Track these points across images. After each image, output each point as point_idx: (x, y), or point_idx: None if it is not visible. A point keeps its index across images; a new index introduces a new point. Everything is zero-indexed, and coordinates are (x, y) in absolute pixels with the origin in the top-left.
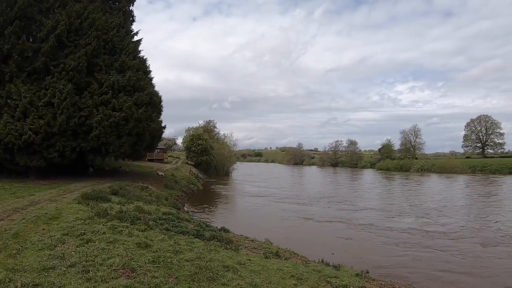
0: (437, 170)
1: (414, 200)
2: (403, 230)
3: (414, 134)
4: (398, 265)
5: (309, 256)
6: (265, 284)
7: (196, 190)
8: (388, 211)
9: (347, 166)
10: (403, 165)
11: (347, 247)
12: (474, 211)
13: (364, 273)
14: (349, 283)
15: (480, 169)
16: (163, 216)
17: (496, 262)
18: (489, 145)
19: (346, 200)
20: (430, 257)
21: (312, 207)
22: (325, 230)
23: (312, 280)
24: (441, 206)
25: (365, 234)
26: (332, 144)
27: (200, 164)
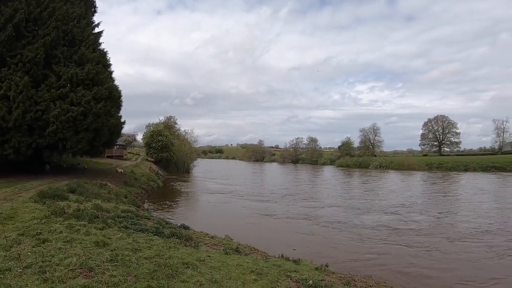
0: (395, 167)
1: (376, 197)
2: (366, 226)
3: (373, 133)
4: (360, 259)
5: (270, 252)
6: (225, 280)
7: (156, 187)
8: (350, 207)
9: (307, 163)
10: (362, 162)
11: (309, 243)
12: (435, 207)
13: (324, 267)
14: (308, 277)
15: (436, 166)
16: (122, 214)
17: (459, 257)
18: (446, 143)
19: (308, 196)
20: (393, 252)
21: (274, 204)
22: (288, 226)
23: (272, 274)
24: (403, 202)
25: (327, 230)
26: (293, 141)
27: (160, 161)
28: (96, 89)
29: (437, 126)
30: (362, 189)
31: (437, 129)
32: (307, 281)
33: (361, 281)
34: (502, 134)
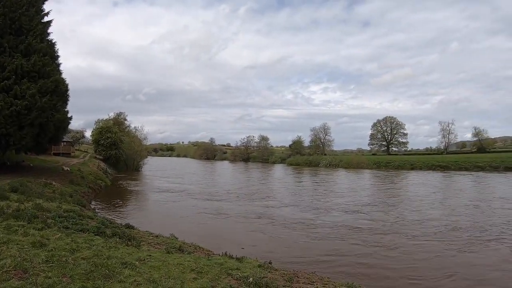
0: (344, 166)
1: (328, 195)
2: (319, 225)
3: (324, 132)
4: (309, 257)
5: (217, 251)
6: (163, 279)
7: (104, 186)
8: (303, 206)
9: (258, 161)
10: (312, 160)
11: (259, 241)
12: (385, 205)
13: (267, 264)
14: (250, 274)
15: (384, 165)
16: (63, 214)
17: (413, 253)
18: (394, 143)
19: (260, 195)
20: (344, 250)
21: (225, 203)
22: (239, 225)
23: (213, 273)
24: (356, 200)
25: (279, 229)
26: (244, 139)
27: (109, 158)
28: (42, 82)
29: (385, 127)
30: (314, 187)
31: (386, 130)
32: (248, 279)
33: (304, 277)
34: (448, 135)
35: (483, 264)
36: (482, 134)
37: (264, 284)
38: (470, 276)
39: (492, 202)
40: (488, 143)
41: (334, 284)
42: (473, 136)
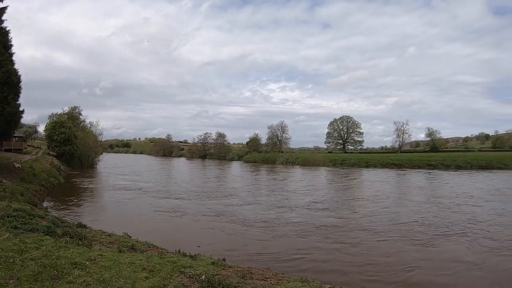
0: (301, 163)
1: (287, 193)
2: (278, 222)
3: (281, 130)
4: (267, 254)
5: (171, 249)
6: (114, 279)
7: (57, 184)
8: (260, 203)
9: (215, 158)
10: (269, 158)
11: (216, 239)
12: (340, 202)
13: (221, 261)
14: (203, 272)
15: (340, 163)
16: (13, 213)
17: (371, 248)
18: (350, 142)
19: (219, 193)
20: (300, 246)
21: (183, 201)
22: (195, 223)
23: (165, 271)
24: (315, 197)
25: (236, 226)
26: (201, 136)
27: (63, 155)
28: None
29: (342, 126)
30: (273, 185)
31: (342, 129)
32: (200, 276)
33: (258, 274)
34: (402, 135)
35: (443, 258)
36: (435, 134)
37: (216, 281)
38: (429, 270)
39: (452, 199)
40: (441, 143)
41: (288, 279)
42: (427, 136)
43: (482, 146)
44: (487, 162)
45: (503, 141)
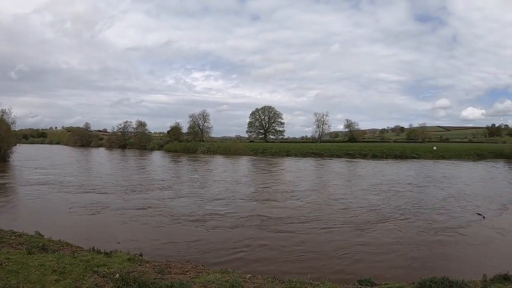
0: (222, 152)
1: (212, 183)
2: (205, 214)
3: (203, 119)
4: (187, 245)
5: (88, 246)
6: (22, 284)
7: None
8: (186, 195)
9: (135, 148)
10: (190, 147)
11: (138, 234)
12: (267, 189)
13: (137, 256)
14: (117, 269)
15: (261, 152)
16: None
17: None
18: (271, 131)
19: (141, 186)
20: (227, 237)
21: (104, 195)
22: (117, 219)
23: (77, 272)
24: (240, 187)
25: (160, 219)
26: (121, 125)
27: None
28: None
29: (264, 116)
30: (196, 175)
31: (264, 118)
32: (114, 275)
33: (177, 267)
34: (322, 126)
35: (374, 243)
36: (353, 126)
37: (132, 279)
38: (366, 254)
39: (376, 185)
40: (358, 134)
41: (207, 272)
42: (345, 127)
43: (397, 137)
44: (401, 152)
45: (417, 133)
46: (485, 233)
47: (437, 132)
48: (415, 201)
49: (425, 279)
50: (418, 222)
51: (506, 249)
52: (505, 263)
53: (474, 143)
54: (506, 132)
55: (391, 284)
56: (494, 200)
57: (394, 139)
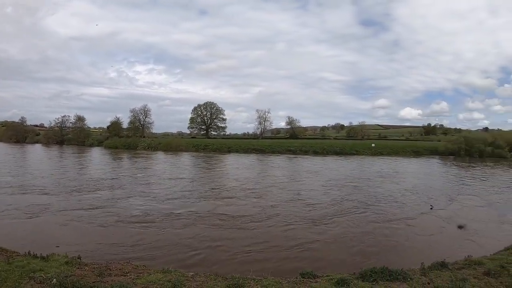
0: (163, 148)
1: (155, 180)
2: (152, 214)
3: (144, 114)
4: (129, 246)
5: (24, 251)
6: None
7: None
8: (130, 193)
9: (74, 144)
10: (131, 143)
11: (79, 236)
12: (211, 186)
13: (76, 259)
14: (55, 274)
15: (203, 148)
16: None
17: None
18: (213, 127)
19: (82, 185)
20: (171, 237)
21: (44, 196)
22: (57, 221)
23: (12, 279)
24: (183, 185)
25: (103, 220)
26: (59, 119)
27: None
28: None
29: (205, 111)
30: (138, 173)
31: (206, 114)
32: (52, 280)
33: (117, 269)
34: (264, 122)
35: (327, 236)
36: (294, 123)
37: (69, 283)
38: (310, 249)
39: (332, 181)
40: (300, 131)
41: (149, 272)
42: (287, 124)
43: (338, 135)
44: (341, 149)
45: (356, 131)
46: (431, 223)
47: (376, 130)
48: (369, 194)
49: (365, 269)
50: (370, 215)
51: (448, 238)
52: (447, 251)
53: (410, 141)
54: (440, 131)
55: (332, 275)
56: (443, 192)
57: (335, 137)
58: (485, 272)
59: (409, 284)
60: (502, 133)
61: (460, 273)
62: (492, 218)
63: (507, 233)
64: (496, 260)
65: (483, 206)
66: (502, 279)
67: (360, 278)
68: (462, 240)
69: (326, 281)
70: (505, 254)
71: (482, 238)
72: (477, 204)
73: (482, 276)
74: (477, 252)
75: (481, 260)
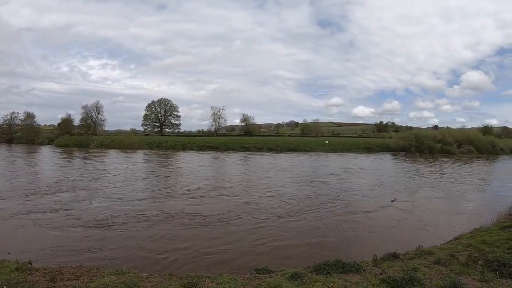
0: (116, 146)
1: (108, 180)
2: (113, 214)
3: (96, 110)
4: (94, 248)
5: None
6: None
7: None
8: (89, 195)
9: (23, 142)
10: (82, 141)
11: (35, 241)
12: (167, 185)
13: (26, 264)
14: (5, 281)
15: (156, 146)
16: None
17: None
18: (167, 125)
19: (36, 187)
20: (133, 236)
21: None
22: (9, 226)
23: None
24: (136, 185)
25: (62, 223)
26: (7, 116)
27: None
28: None
29: (160, 108)
30: (92, 172)
31: (160, 111)
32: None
33: (69, 273)
34: (218, 119)
35: (289, 231)
36: (249, 120)
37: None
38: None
39: (296, 178)
40: (254, 128)
41: (102, 274)
42: (241, 121)
43: (292, 132)
44: (295, 146)
45: (310, 128)
46: (392, 215)
47: (329, 127)
48: (336, 189)
49: (319, 263)
50: (336, 209)
51: (406, 229)
52: (403, 242)
53: (363, 137)
54: (392, 128)
55: (287, 269)
56: (405, 186)
57: (289, 134)
58: (435, 261)
59: (362, 276)
60: (450, 131)
61: (412, 262)
62: (448, 209)
63: (459, 222)
64: (446, 250)
65: (441, 197)
66: (452, 267)
67: (314, 272)
68: (418, 231)
69: (280, 276)
70: (454, 244)
71: (437, 228)
72: (435, 196)
73: (432, 265)
74: (432, 241)
75: (432, 249)
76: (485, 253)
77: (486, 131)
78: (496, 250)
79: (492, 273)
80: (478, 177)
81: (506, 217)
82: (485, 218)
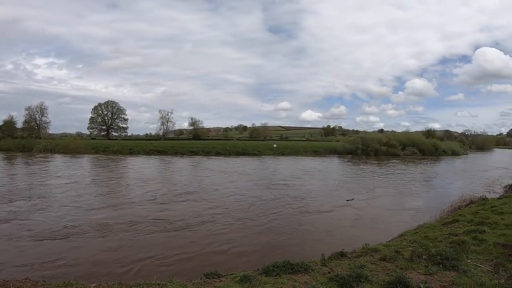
0: (61, 150)
1: (53, 188)
2: (62, 225)
3: (40, 112)
4: (48, 261)
5: None
6: None
7: None
8: (38, 202)
9: None
10: (25, 144)
11: None
12: (114, 191)
13: None
14: None
15: (103, 150)
16: None
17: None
18: (114, 128)
19: None
20: (78, 247)
21: None
22: None
23: None
24: (85, 191)
25: (12, 235)
26: None
27: None
28: None
29: (106, 111)
30: (37, 179)
31: (107, 114)
32: None
33: (14, 286)
34: (166, 123)
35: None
36: (197, 124)
37: None
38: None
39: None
40: (203, 131)
41: (49, 286)
42: (190, 125)
43: (241, 135)
44: (243, 149)
45: (259, 132)
46: (346, 215)
47: (278, 131)
48: (296, 191)
49: (268, 264)
50: (294, 210)
51: (357, 227)
52: (353, 240)
53: (310, 141)
54: (339, 132)
55: (236, 273)
56: (361, 186)
57: (238, 137)
58: (381, 257)
59: (311, 275)
60: (395, 134)
61: (358, 260)
62: (397, 206)
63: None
64: (391, 246)
65: (391, 196)
66: (397, 263)
67: (263, 274)
68: (369, 228)
69: (230, 280)
70: (399, 240)
71: (386, 225)
72: (387, 194)
73: (378, 262)
74: (381, 238)
75: (377, 247)
76: (428, 248)
77: (429, 134)
78: (439, 244)
79: (436, 266)
80: (423, 176)
81: (448, 213)
82: (429, 215)
